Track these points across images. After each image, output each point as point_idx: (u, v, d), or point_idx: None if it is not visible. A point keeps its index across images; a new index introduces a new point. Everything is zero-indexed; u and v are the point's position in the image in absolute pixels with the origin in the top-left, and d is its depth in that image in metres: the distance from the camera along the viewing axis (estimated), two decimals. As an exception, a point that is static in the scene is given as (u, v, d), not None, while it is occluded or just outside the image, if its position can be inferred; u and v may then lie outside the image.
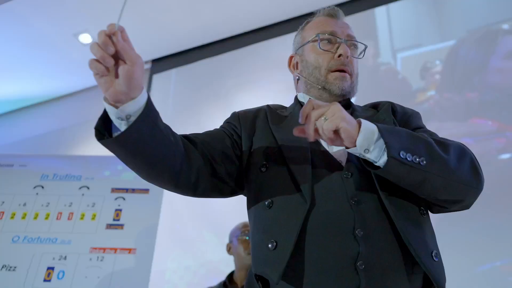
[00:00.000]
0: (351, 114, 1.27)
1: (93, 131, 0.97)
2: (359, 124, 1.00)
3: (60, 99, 5.38)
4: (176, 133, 1.12)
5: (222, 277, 2.78)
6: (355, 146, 0.99)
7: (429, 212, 1.16)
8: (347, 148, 1.02)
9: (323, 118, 0.97)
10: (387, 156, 0.96)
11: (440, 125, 3.14)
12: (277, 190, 1.12)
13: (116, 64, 0.89)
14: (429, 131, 1.23)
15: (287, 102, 1.46)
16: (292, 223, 1.03)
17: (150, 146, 0.99)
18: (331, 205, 1.05)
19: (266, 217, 1.11)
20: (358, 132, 0.99)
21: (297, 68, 1.40)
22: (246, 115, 1.33)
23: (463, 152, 1.06)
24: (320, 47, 1.30)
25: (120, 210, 2.50)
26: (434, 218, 1.14)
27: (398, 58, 3.65)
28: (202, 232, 3.70)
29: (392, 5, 3.89)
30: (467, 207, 1.12)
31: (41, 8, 4.13)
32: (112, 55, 0.87)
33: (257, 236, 1.12)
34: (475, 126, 3.05)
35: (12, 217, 2.47)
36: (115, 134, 0.97)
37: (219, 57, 4.62)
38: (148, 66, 5.03)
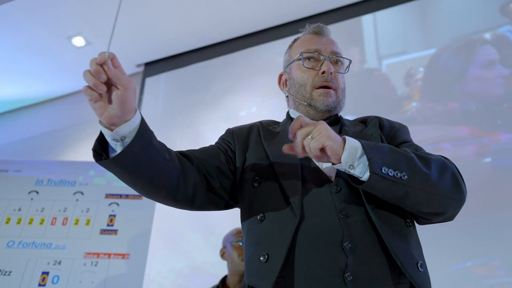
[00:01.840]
0: (340, 129, 1.33)
1: (87, 133, 1.02)
2: (344, 141, 1.05)
3: (54, 101, 5.39)
4: (171, 150, 1.17)
5: (212, 279, 2.82)
6: (341, 162, 1.04)
7: (415, 223, 1.21)
8: (333, 164, 1.07)
9: (309, 137, 1.02)
10: (370, 172, 1.01)
11: (422, 132, 3.24)
12: (269, 205, 1.17)
13: (109, 90, 0.94)
14: (415, 145, 1.29)
15: (275, 106, 1.51)
16: (282, 236, 1.07)
17: (146, 165, 1.05)
18: (320, 219, 1.09)
19: (258, 230, 1.16)
20: (343, 149, 1.04)
21: (286, 86, 1.46)
22: (240, 131, 1.38)
23: (444, 167, 1.11)
24: (304, 65, 1.35)
25: (114, 215, 2.55)
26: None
27: (383, 64, 3.73)
28: (195, 235, 3.76)
29: (378, 13, 3.97)
30: (450, 219, 1.18)
31: (34, 11, 4.15)
32: (105, 82, 0.91)
33: (249, 248, 1.17)
34: (454, 133, 3.14)
35: (7, 222, 2.51)
36: (111, 155, 1.02)
37: (210, 61, 4.67)
38: (141, 69, 5.06)
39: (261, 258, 1.09)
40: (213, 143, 1.42)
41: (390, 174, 1.01)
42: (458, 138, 3.11)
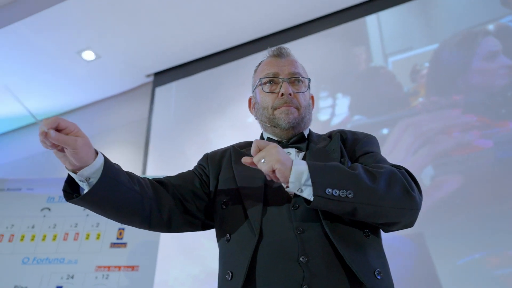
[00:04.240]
0: (307, 146, 1.37)
1: (97, 147, 1.10)
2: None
3: (65, 115, 5.49)
4: (144, 179, 1.25)
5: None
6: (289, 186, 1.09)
7: (381, 232, 1.25)
8: (286, 187, 1.11)
9: (262, 161, 1.08)
10: (313, 195, 1.06)
11: (427, 126, 3.24)
12: (233, 226, 1.24)
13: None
14: (378, 155, 1.32)
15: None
16: (243, 255, 1.14)
17: (113, 201, 1.13)
18: (278, 236, 1.15)
19: (225, 250, 1.24)
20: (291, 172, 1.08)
21: (255, 109, 1.50)
22: (214, 156, 1.45)
23: (393, 178, 1.13)
24: (264, 90, 1.41)
25: (123, 229, 2.63)
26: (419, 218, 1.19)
27: (389, 62, 3.72)
28: (209, 241, 3.80)
29: (382, 13, 3.96)
30: (408, 226, 1.19)
31: (44, 28, 4.24)
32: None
33: (219, 267, 1.26)
34: (461, 125, 3.13)
35: (21, 239, 2.61)
36: (82, 192, 1.10)
37: (217, 69, 4.71)
38: (150, 79, 5.14)
39: (226, 276, 1.16)
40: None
41: (334, 194, 1.06)
42: (465, 129, 3.10)
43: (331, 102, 3.83)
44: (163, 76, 5.06)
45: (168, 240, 3.47)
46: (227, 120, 4.28)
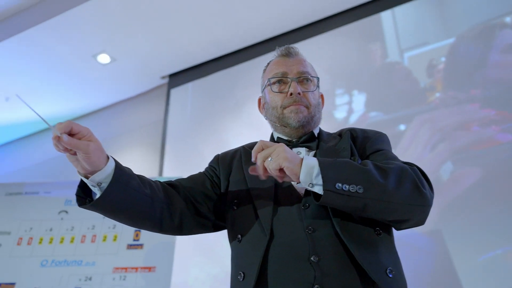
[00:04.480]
0: (318, 145, 1.36)
1: (115, 149, 1.11)
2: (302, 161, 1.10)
3: (81, 118, 5.55)
4: (155, 182, 1.25)
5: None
6: (300, 181, 1.09)
7: (393, 230, 1.24)
8: (298, 183, 1.10)
9: (269, 159, 1.08)
10: (323, 189, 1.05)
11: (447, 121, 3.19)
12: (244, 226, 1.24)
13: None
14: (388, 153, 1.30)
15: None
16: (255, 256, 1.15)
17: (124, 205, 1.13)
18: (289, 236, 1.15)
19: (237, 251, 1.25)
20: (301, 169, 1.08)
21: (264, 109, 1.49)
22: (225, 157, 1.46)
23: (404, 175, 1.11)
24: (272, 90, 1.41)
25: (139, 230, 2.63)
26: (435, 212, 1.16)
27: (405, 57, 3.67)
28: (220, 240, 3.80)
29: (397, 9, 3.91)
30: (419, 223, 1.17)
31: (59, 32, 4.28)
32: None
33: (232, 268, 1.26)
34: (479, 120, 3.07)
35: (40, 242, 2.64)
36: (94, 196, 1.11)
37: (231, 69, 4.71)
38: (165, 81, 5.16)
39: (238, 277, 1.17)
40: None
41: (344, 189, 1.05)
42: (484, 123, 3.04)
43: (347, 99, 3.79)
44: (178, 78, 5.07)
45: (185, 241, 3.47)
46: (243, 119, 4.27)
